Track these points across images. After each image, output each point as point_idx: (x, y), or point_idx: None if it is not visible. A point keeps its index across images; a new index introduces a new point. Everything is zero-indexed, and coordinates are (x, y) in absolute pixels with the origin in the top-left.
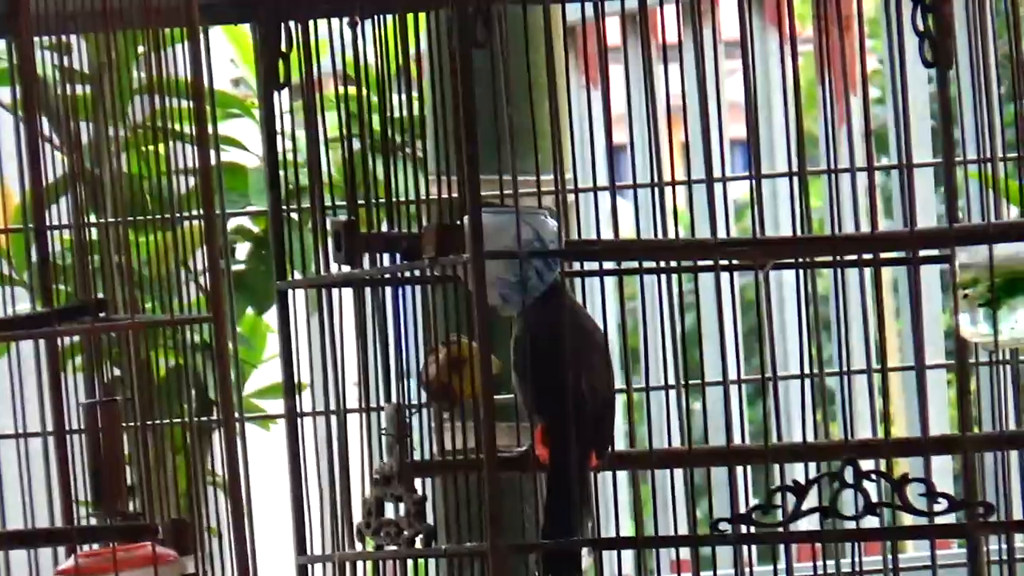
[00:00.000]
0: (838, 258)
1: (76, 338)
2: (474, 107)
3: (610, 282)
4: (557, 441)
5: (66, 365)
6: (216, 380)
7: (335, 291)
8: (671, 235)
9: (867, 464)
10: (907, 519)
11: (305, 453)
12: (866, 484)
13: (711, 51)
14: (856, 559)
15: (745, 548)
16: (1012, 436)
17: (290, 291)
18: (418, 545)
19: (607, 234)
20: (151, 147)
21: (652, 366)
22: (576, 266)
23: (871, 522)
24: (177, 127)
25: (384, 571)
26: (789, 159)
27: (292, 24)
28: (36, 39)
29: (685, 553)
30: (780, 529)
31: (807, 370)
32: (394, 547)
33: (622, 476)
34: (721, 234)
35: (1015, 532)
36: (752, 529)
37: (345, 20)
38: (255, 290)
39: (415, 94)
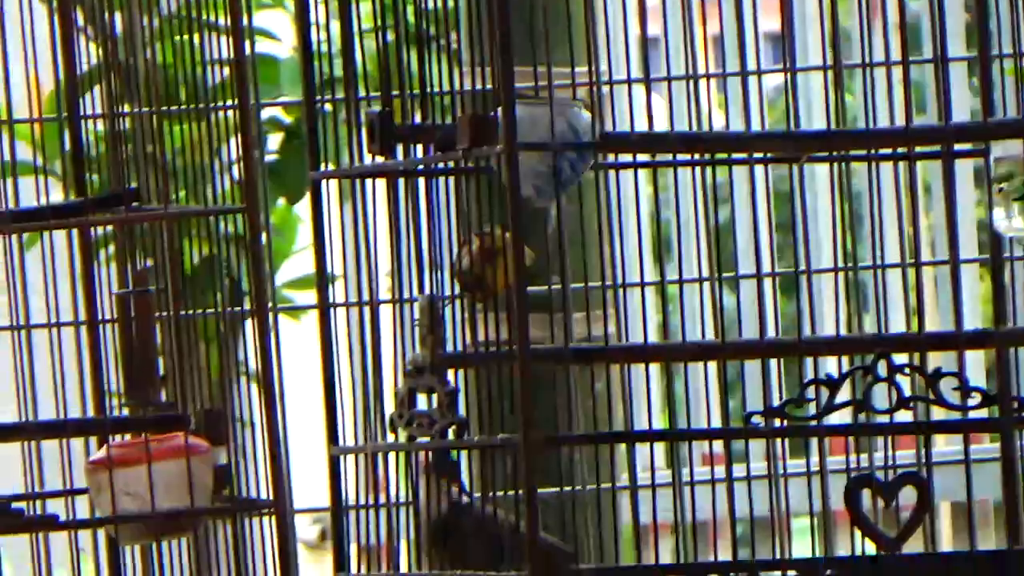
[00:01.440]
0: (872, 152)
1: (109, 228)
2: None
3: (643, 175)
4: None
5: (98, 255)
6: (248, 271)
7: (368, 182)
8: (704, 128)
9: (900, 358)
10: (940, 414)
11: (337, 345)
12: (899, 378)
13: None
14: (888, 453)
15: (777, 442)
16: None
17: (323, 182)
18: (450, 437)
19: (641, 126)
20: (184, 37)
21: (685, 259)
22: (610, 158)
23: (904, 416)
24: (210, 17)
25: (415, 462)
26: (824, 53)
27: None
28: None
29: (718, 447)
30: (812, 423)
31: (840, 264)
32: (426, 439)
33: (655, 369)
34: (755, 127)
35: None
36: (784, 423)
37: None
38: (287, 181)
39: None
